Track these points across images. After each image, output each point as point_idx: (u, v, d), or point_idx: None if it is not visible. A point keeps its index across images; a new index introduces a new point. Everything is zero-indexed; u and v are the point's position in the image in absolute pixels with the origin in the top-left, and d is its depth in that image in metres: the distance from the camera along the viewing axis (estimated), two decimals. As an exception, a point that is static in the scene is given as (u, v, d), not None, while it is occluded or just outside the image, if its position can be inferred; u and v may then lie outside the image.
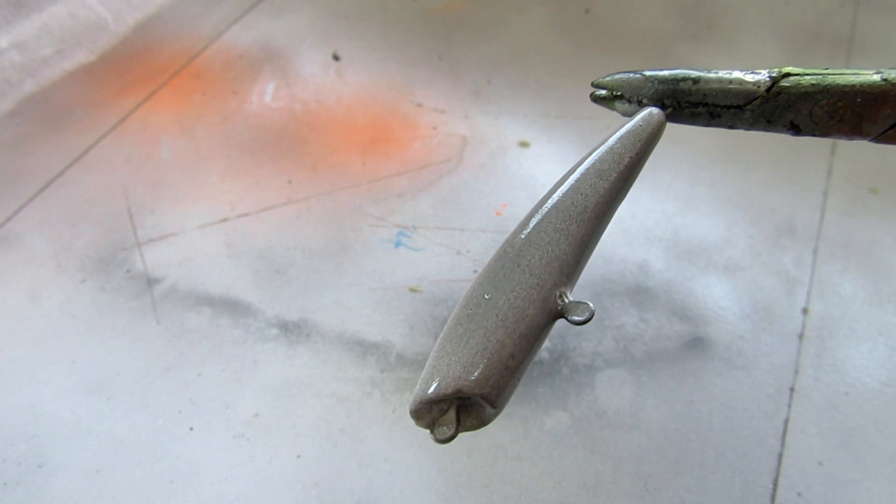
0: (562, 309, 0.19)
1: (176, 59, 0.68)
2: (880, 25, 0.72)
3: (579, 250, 0.19)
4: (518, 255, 0.19)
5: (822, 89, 0.18)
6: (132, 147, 0.58)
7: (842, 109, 0.18)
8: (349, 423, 0.40)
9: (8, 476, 0.38)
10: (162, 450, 0.39)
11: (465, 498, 0.37)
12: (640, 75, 0.20)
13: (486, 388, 0.18)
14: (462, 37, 0.71)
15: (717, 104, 0.19)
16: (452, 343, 0.18)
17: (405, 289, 0.47)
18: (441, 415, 0.18)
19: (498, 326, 0.18)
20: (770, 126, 0.19)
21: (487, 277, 0.19)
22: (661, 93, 0.20)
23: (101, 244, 0.50)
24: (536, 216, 0.20)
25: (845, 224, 0.51)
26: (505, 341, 0.18)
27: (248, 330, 0.45)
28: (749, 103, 0.19)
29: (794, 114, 0.19)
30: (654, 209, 0.52)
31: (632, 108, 0.21)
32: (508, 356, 0.18)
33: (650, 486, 0.38)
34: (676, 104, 0.20)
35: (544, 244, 0.19)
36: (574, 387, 0.42)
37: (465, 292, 0.19)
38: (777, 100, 0.19)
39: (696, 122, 0.20)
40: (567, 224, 0.19)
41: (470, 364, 0.18)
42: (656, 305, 0.46)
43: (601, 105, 0.22)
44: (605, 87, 0.21)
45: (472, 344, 0.18)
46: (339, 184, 0.55)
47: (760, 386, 0.42)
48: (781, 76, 0.19)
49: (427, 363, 0.19)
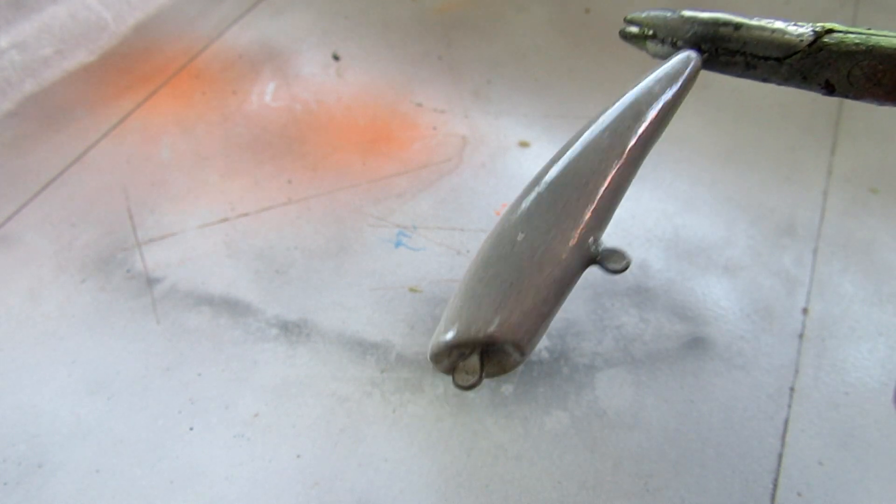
0: (597, 255, 0.18)
1: (176, 59, 0.68)
2: (880, 25, 0.72)
3: (615, 194, 0.18)
4: (554, 193, 0.17)
5: (866, 50, 0.17)
6: (132, 147, 0.58)
7: (881, 73, 0.18)
8: (349, 423, 0.40)
9: (8, 476, 0.38)
10: (162, 450, 0.39)
11: (465, 498, 0.37)
12: (679, 15, 0.19)
13: (518, 334, 0.16)
14: (462, 37, 0.71)
15: (756, 54, 0.18)
16: (483, 284, 0.17)
17: (405, 289, 0.47)
18: (461, 359, 0.17)
19: (532, 269, 0.17)
20: (804, 83, 0.18)
21: (519, 215, 0.17)
22: (699, 36, 0.19)
23: (101, 244, 0.50)
24: (571, 154, 0.18)
25: (845, 224, 0.51)
26: (539, 286, 0.17)
27: (248, 330, 0.45)
28: (789, 56, 0.18)
29: (832, 72, 0.18)
30: (654, 209, 0.52)
31: (664, 49, 0.20)
32: (542, 301, 0.17)
33: (650, 486, 0.38)
34: (714, 50, 0.19)
35: (581, 185, 0.18)
36: (574, 387, 0.42)
37: (492, 231, 0.18)
38: (818, 56, 0.18)
39: (729, 71, 0.19)
40: (605, 165, 0.18)
41: (503, 308, 0.16)
42: (656, 305, 0.46)
43: (630, 43, 0.20)
44: (638, 24, 0.20)
45: (505, 287, 0.16)
46: (339, 184, 0.55)
47: (760, 386, 0.42)
48: (825, 31, 0.18)
49: (452, 303, 0.17)
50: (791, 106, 0.63)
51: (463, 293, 0.17)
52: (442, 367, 0.17)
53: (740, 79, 0.22)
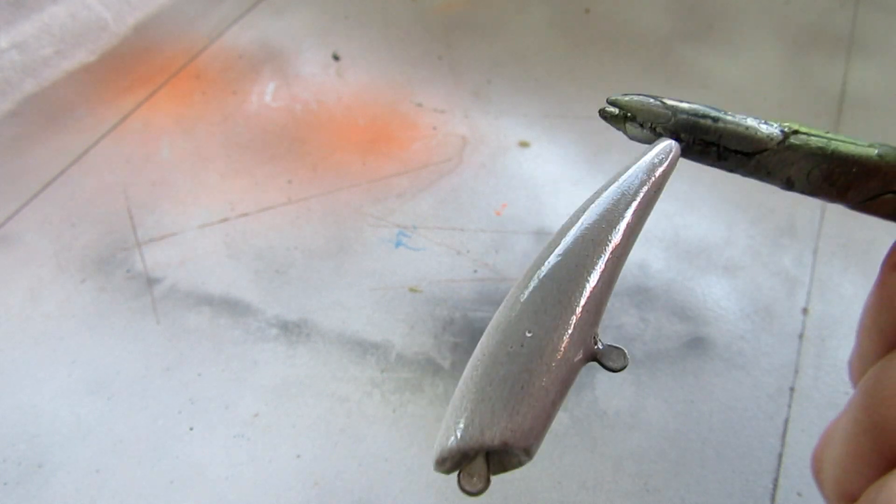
0: (598, 353, 0.18)
1: (176, 59, 0.68)
2: (880, 25, 0.72)
3: (609, 288, 0.18)
4: (560, 289, 0.17)
5: (826, 154, 0.19)
6: (132, 147, 0.58)
7: (836, 175, 0.19)
8: (349, 423, 0.40)
9: (8, 476, 0.38)
10: (162, 450, 0.39)
11: (465, 498, 0.37)
12: (661, 102, 0.20)
13: (530, 439, 0.16)
14: (462, 37, 0.71)
15: (729, 147, 0.20)
16: (494, 385, 0.16)
17: (405, 289, 0.47)
18: (465, 461, 0.17)
19: (542, 371, 0.16)
20: (768, 177, 0.20)
21: (525, 311, 0.17)
22: (679, 125, 0.20)
23: (101, 244, 0.50)
24: (568, 245, 0.18)
25: (845, 224, 0.51)
26: (549, 387, 0.16)
27: (248, 330, 0.45)
28: (758, 153, 0.19)
29: (794, 171, 0.19)
30: (655, 209, 0.52)
31: (644, 133, 0.21)
32: (551, 403, 0.16)
33: (650, 486, 0.38)
34: (691, 140, 0.20)
35: (582, 279, 0.18)
36: (574, 387, 0.42)
37: (495, 322, 0.17)
38: (783, 154, 0.19)
39: (701, 160, 0.20)
40: (601, 259, 0.18)
41: (516, 413, 0.16)
42: (656, 305, 0.46)
43: (610, 123, 0.21)
44: (618, 107, 0.21)
45: (517, 388, 0.16)
46: (339, 184, 0.55)
47: (760, 386, 0.42)
48: (791, 132, 0.19)
49: (458, 402, 0.16)
50: (791, 106, 0.63)
51: (472, 393, 0.16)
52: (444, 469, 0.17)
53: (740, 80, 0.22)
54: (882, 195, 0.19)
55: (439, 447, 0.17)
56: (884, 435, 0.16)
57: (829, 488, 0.19)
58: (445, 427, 0.17)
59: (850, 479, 0.18)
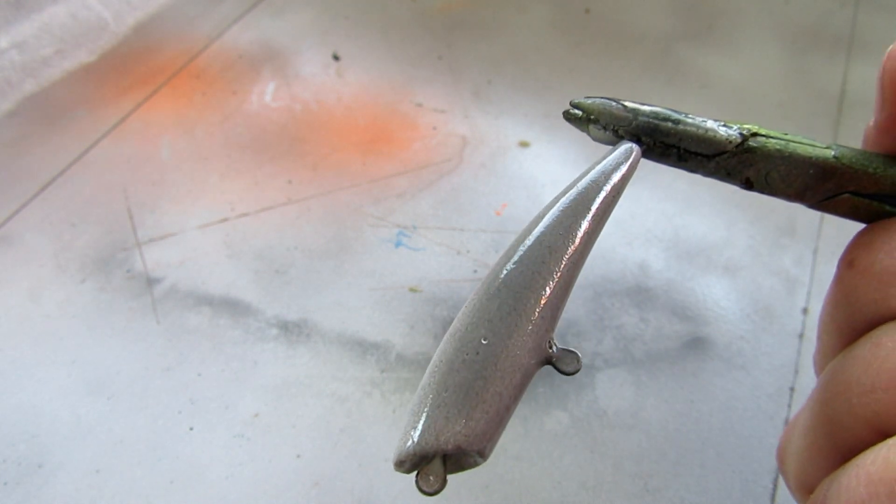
0: (552, 357, 0.18)
1: (176, 59, 0.68)
2: (880, 25, 0.72)
3: (566, 293, 0.19)
4: (515, 297, 0.18)
5: (784, 156, 0.19)
6: (132, 147, 0.58)
7: (794, 177, 0.20)
8: (349, 423, 0.40)
9: (8, 476, 0.38)
10: (162, 450, 0.39)
11: (465, 498, 0.37)
12: (622, 106, 0.21)
13: (483, 442, 0.17)
14: (462, 37, 0.71)
15: (688, 149, 0.20)
16: (449, 392, 0.17)
17: (405, 289, 0.47)
18: (423, 462, 0.18)
19: (496, 376, 0.17)
20: (728, 178, 0.20)
21: (481, 319, 0.18)
22: (640, 128, 0.20)
23: (101, 244, 0.50)
24: (525, 252, 0.19)
25: (845, 224, 0.51)
26: (503, 393, 0.17)
27: (248, 330, 0.45)
28: (718, 155, 0.20)
29: (752, 172, 0.20)
30: (654, 209, 0.52)
31: (606, 135, 0.21)
32: (505, 409, 0.17)
33: (650, 486, 0.38)
34: (651, 142, 0.20)
35: (538, 286, 0.18)
36: (574, 387, 0.42)
37: (453, 330, 0.18)
38: (742, 156, 0.20)
39: (663, 161, 0.21)
40: (558, 265, 0.19)
41: (470, 418, 0.17)
42: (656, 305, 0.46)
43: (573, 125, 0.22)
44: (582, 110, 0.21)
45: (471, 395, 0.17)
46: (339, 184, 0.55)
47: (760, 386, 0.42)
48: (750, 135, 0.20)
49: (415, 407, 0.18)
50: (791, 106, 0.63)
51: (429, 399, 0.18)
52: (403, 469, 0.18)
53: (740, 80, 0.22)
54: (838, 195, 0.20)
55: (397, 450, 0.18)
56: (837, 428, 0.17)
57: (790, 480, 0.19)
58: (404, 431, 0.18)
59: (807, 471, 0.18)
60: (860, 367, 0.16)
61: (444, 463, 0.18)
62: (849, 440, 0.16)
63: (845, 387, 0.16)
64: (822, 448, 0.17)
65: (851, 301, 0.18)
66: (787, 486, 0.20)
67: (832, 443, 0.17)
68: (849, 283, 0.18)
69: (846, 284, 0.18)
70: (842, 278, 0.19)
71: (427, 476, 0.18)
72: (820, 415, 0.17)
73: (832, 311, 0.19)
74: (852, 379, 0.16)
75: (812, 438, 0.18)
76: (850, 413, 0.16)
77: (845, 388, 0.16)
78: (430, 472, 0.18)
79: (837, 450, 0.17)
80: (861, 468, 0.15)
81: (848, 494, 0.15)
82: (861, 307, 0.18)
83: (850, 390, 0.16)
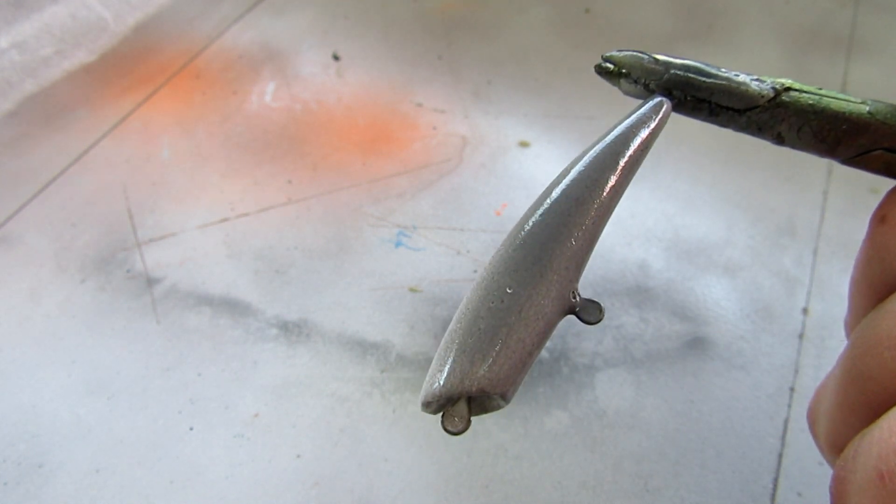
0: (576, 307, 0.19)
1: (176, 59, 0.68)
2: (880, 25, 0.72)
3: (591, 245, 0.19)
4: (540, 248, 0.19)
5: (817, 111, 0.19)
6: (132, 147, 0.58)
7: (826, 132, 0.19)
8: (349, 423, 0.40)
9: (8, 476, 0.38)
10: (162, 450, 0.39)
11: (465, 498, 0.37)
12: (653, 59, 0.21)
13: (506, 385, 0.18)
14: (462, 37, 0.71)
15: (720, 104, 0.20)
16: (475, 338, 0.18)
17: (405, 289, 0.47)
18: (449, 404, 0.18)
19: (520, 324, 0.18)
20: (759, 133, 0.20)
21: (507, 268, 0.19)
22: (671, 81, 0.20)
23: (101, 244, 0.50)
24: (551, 204, 0.19)
25: (845, 224, 0.51)
26: (525, 339, 0.18)
27: (248, 330, 0.45)
28: (749, 109, 0.20)
29: (785, 127, 0.20)
30: (654, 209, 0.52)
31: (636, 89, 0.21)
32: (528, 354, 0.18)
33: (650, 486, 0.38)
34: (683, 97, 0.20)
35: (563, 238, 0.19)
36: (574, 387, 0.42)
37: (479, 279, 0.19)
38: (774, 111, 0.19)
39: (695, 116, 0.21)
40: (584, 217, 0.19)
41: (494, 362, 0.18)
42: (656, 305, 0.46)
43: (605, 78, 0.22)
44: (614, 63, 0.21)
45: (495, 341, 0.18)
46: (339, 184, 0.55)
47: (760, 386, 0.42)
48: (783, 89, 0.20)
49: (442, 351, 0.18)
50: (791, 106, 0.63)
51: (455, 344, 0.18)
52: (430, 410, 0.19)
53: None
54: (871, 151, 0.20)
55: (424, 391, 0.18)
56: (869, 384, 0.17)
57: (822, 440, 0.19)
58: (431, 374, 0.18)
59: (838, 429, 0.18)
60: (892, 320, 0.16)
61: (468, 405, 0.18)
62: (880, 394, 0.16)
63: (877, 341, 0.16)
64: (854, 405, 0.17)
65: (883, 256, 0.18)
66: (818, 446, 0.19)
67: (863, 398, 0.17)
68: (881, 238, 0.18)
69: (878, 240, 0.18)
70: (874, 235, 0.19)
71: (452, 417, 0.18)
72: (851, 370, 0.17)
73: (864, 268, 0.19)
74: (883, 333, 0.16)
75: (843, 396, 0.17)
76: (881, 367, 0.16)
77: (877, 342, 0.16)
78: (455, 413, 0.18)
79: (869, 405, 0.16)
80: (893, 420, 0.15)
81: (880, 447, 0.15)
82: (893, 261, 0.17)
83: (881, 343, 0.16)
